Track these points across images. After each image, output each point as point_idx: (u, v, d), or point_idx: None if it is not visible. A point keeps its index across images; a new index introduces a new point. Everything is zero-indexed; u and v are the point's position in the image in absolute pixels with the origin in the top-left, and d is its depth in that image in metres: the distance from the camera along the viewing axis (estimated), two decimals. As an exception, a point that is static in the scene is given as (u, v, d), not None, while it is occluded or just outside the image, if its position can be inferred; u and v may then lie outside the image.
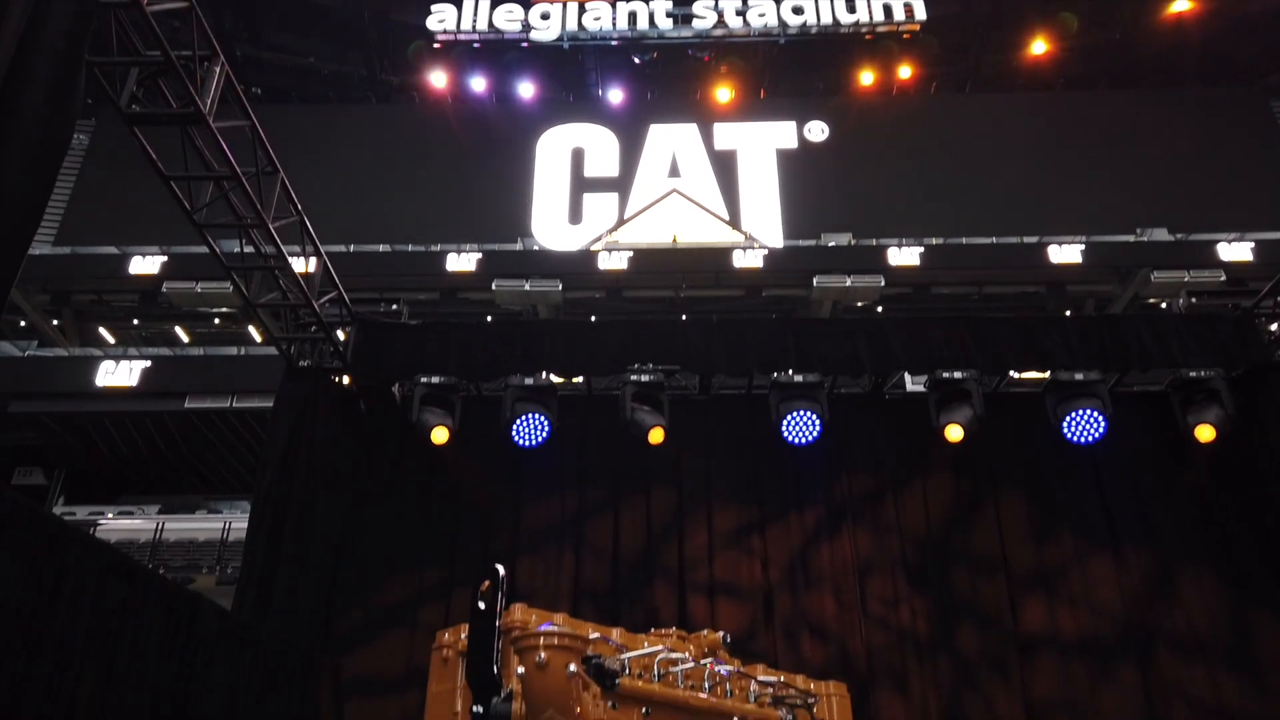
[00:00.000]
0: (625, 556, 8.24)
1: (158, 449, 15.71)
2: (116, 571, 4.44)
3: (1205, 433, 7.76)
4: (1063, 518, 8.09)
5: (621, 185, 18.43)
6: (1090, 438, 7.88)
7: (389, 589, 8.06)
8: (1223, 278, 15.50)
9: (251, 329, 18.26)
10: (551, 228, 18.03)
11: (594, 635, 2.33)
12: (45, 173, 4.22)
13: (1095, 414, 7.79)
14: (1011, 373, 8.53)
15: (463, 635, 2.31)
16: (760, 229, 17.83)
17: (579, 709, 1.91)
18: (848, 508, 8.31)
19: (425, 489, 8.45)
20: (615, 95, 19.83)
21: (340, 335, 8.27)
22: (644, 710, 2.20)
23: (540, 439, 8.24)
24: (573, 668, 1.85)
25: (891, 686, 7.57)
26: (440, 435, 8.10)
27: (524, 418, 8.15)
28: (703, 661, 2.56)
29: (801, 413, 8.09)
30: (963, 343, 8.01)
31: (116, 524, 14.88)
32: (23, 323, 17.51)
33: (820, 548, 8.22)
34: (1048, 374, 8.18)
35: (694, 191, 18.27)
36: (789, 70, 20.24)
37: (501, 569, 2.27)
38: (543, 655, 1.85)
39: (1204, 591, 7.65)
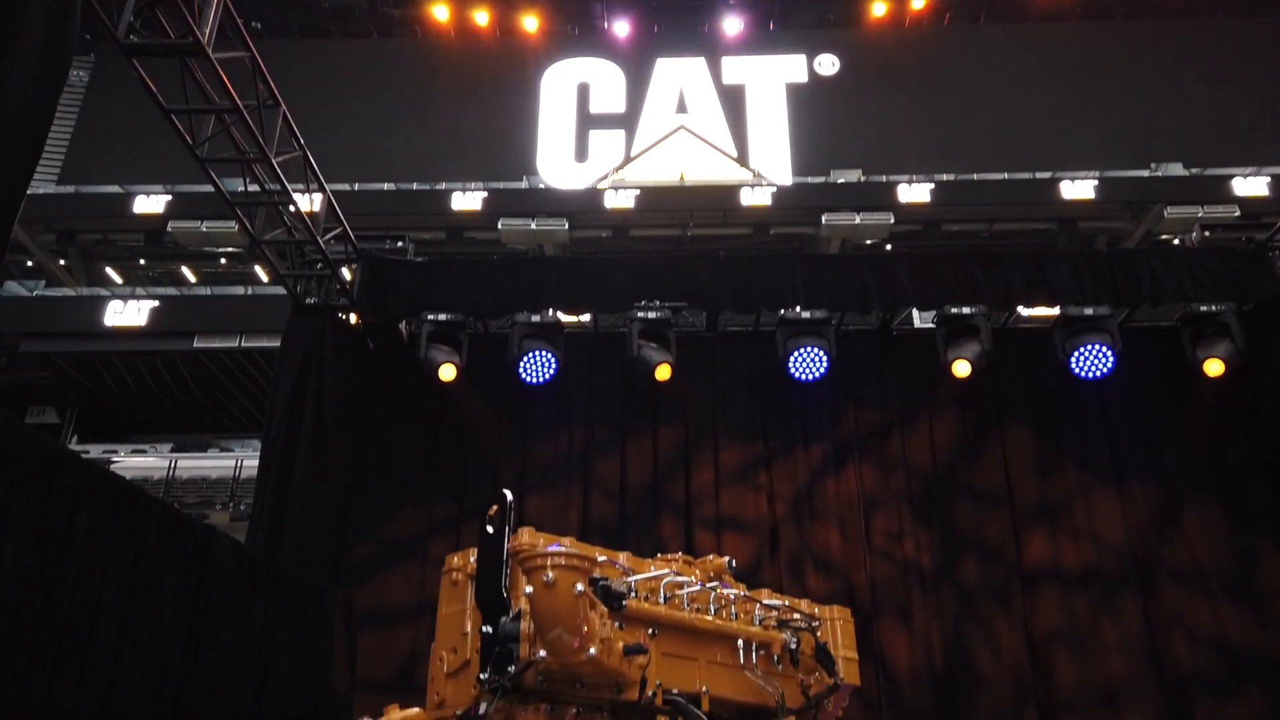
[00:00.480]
0: (632, 492, 8.32)
1: (168, 389, 15.82)
2: (130, 504, 4.50)
3: (1214, 367, 7.73)
4: (1068, 452, 8.12)
5: (628, 121, 18.17)
6: (1098, 373, 7.87)
7: (399, 524, 8.18)
8: (1237, 213, 15.31)
9: (258, 269, 18.24)
10: (557, 165, 17.84)
11: (601, 558, 2.35)
12: (45, 103, 4.17)
13: (1104, 349, 7.76)
14: (1020, 308, 8.48)
15: (471, 559, 2.34)
16: (769, 166, 17.61)
17: (586, 628, 1.94)
18: (854, 443, 8.35)
19: (433, 426, 8.52)
20: (622, 28, 19.42)
21: (346, 275, 8.25)
22: (650, 632, 2.23)
23: (547, 376, 8.26)
24: (580, 587, 1.87)
25: (894, 617, 7.70)
26: (448, 372, 8.12)
27: (531, 355, 8.16)
28: (708, 585, 2.59)
29: (809, 349, 8.09)
30: (972, 278, 7.95)
31: (130, 462, 15.06)
32: (29, 263, 17.52)
33: (826, 483, 8.30)
34: (1057, 309, 8.13)
35: (702, 128, 18.00)
36: (799, 1, 19.77)
37: (509, 493, 2.28)
38: (550, 575, 1.87)
39: (1208, 525, 7.70)
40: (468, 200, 16.77)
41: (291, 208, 7.33)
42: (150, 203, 16.58)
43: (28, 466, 3.85)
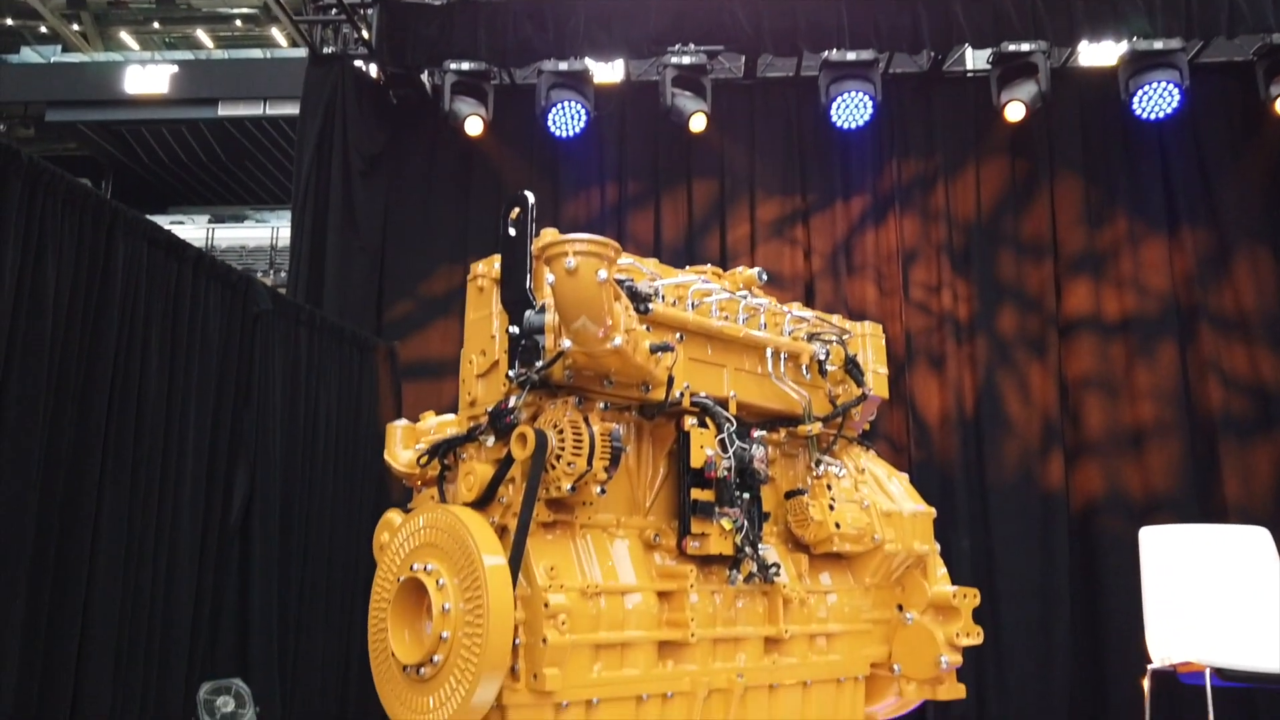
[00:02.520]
0: (667, 248, 8.24)
1: (198, 159, 15.72)
2: (165, 246, 4.51)
3: (1288, 104, 7.22)
4: (1121, 199, 7.82)
5: None
6: (1162, 113, 7.39)
7: (434, 281, 8.27)
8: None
9: (276, 32, 17.50)
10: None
11: (627, 260, 2.29)
12: None
13: (1171, 86, 7.24)
14: (1082, 45, 7.89)
15: (496, 265, 2.29)
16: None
17: (610, 319, 1.90)
18: (895, 195, 8.11)
19: (463, 183, 8.39)
20: None
21: (364, 33, 7.87)
22: (678, 336, 2.20)
23: (577, 129, 7.97)
24: (603, 274, 1.82)
25: (927, 366, 7.79)
26: (474, 126, 7.86)
27: (559, 105, 7.83)
28: (738, 294, 2.55)
29: (853, 93, 7.65)
30: (1033, 10, 7.34)
31: (170, 232, 15.21)
32: (43, 28, 16.97)
33: (865, 236, 8.16)
34: (1123, 45, 7.55)
35: None
36: None
37: (530, 195, 2.19)
38: (572, 260, 1.81)
39: (1258, 271, 7.51)
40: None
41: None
42: (158, -41, 15.74)
43: (61, 199, 3.83)
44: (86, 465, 3.87)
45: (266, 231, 15.59)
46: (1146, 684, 2.84)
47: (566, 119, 7.94)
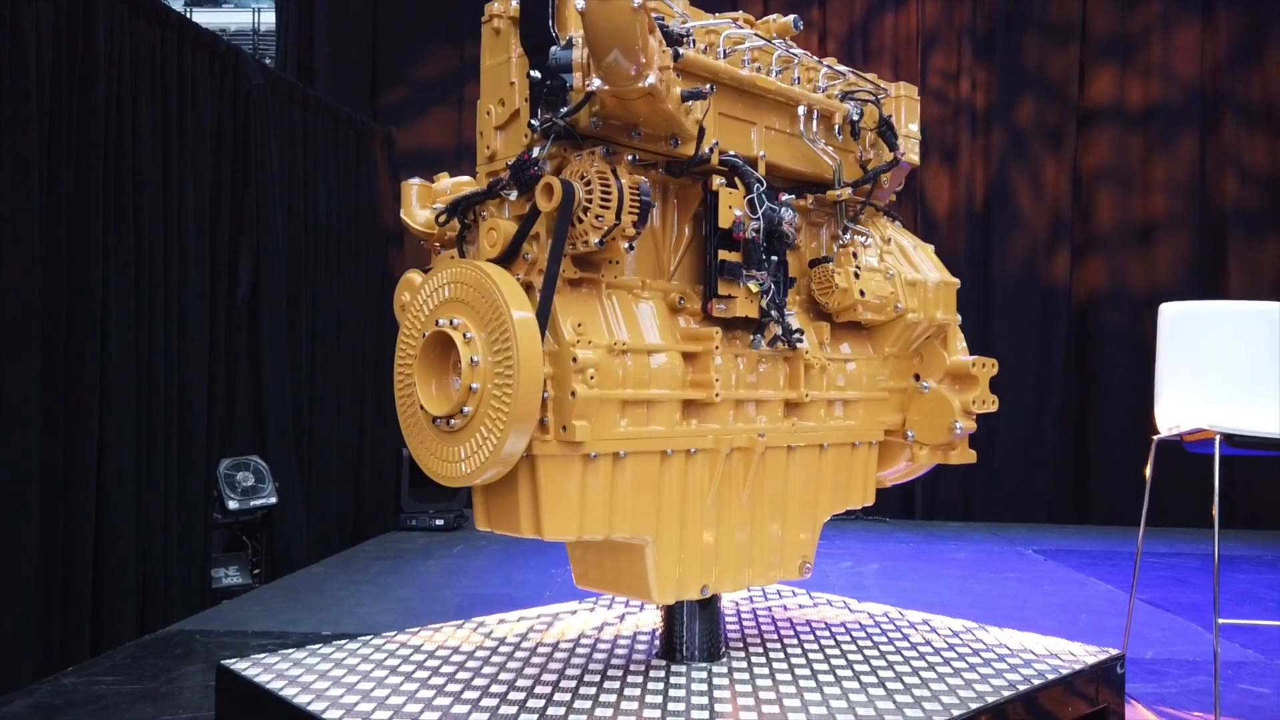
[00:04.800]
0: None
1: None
2: (147, 13, 4.22)
3: None
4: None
5: None
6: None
7: (429, 64, 7.92)
8: None
9: None
10: None
11: (657, -1, 2.11)
12: None
13: None
14: None
15: (513, 2, 2.12)
16: None
17: (645, 55, 1.77)
18: (918, -29, 7.63)
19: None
20: None
21: None
22: (709, 86, 2.06)
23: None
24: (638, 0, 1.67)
25: (939, 160, 7.61)
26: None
27: None
28: (773, 42, 2.39)
29: None
30: None
31: (143, 14, 14.34)
32: None
33: (884, 19, 7.76)
34: None
35: None
36: None
37: (551, -77, 1.99)
38: (604, -16, 1.66)
39: (1293, 58, 7.20)
40: None
41: None
42: None
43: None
44: (89, 241, 3.79)
45: (247, 16, 14.68)
46: (1151, 453, 2.91)
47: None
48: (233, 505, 4.84)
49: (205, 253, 4.68)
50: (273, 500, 5.01)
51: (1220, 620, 2.77)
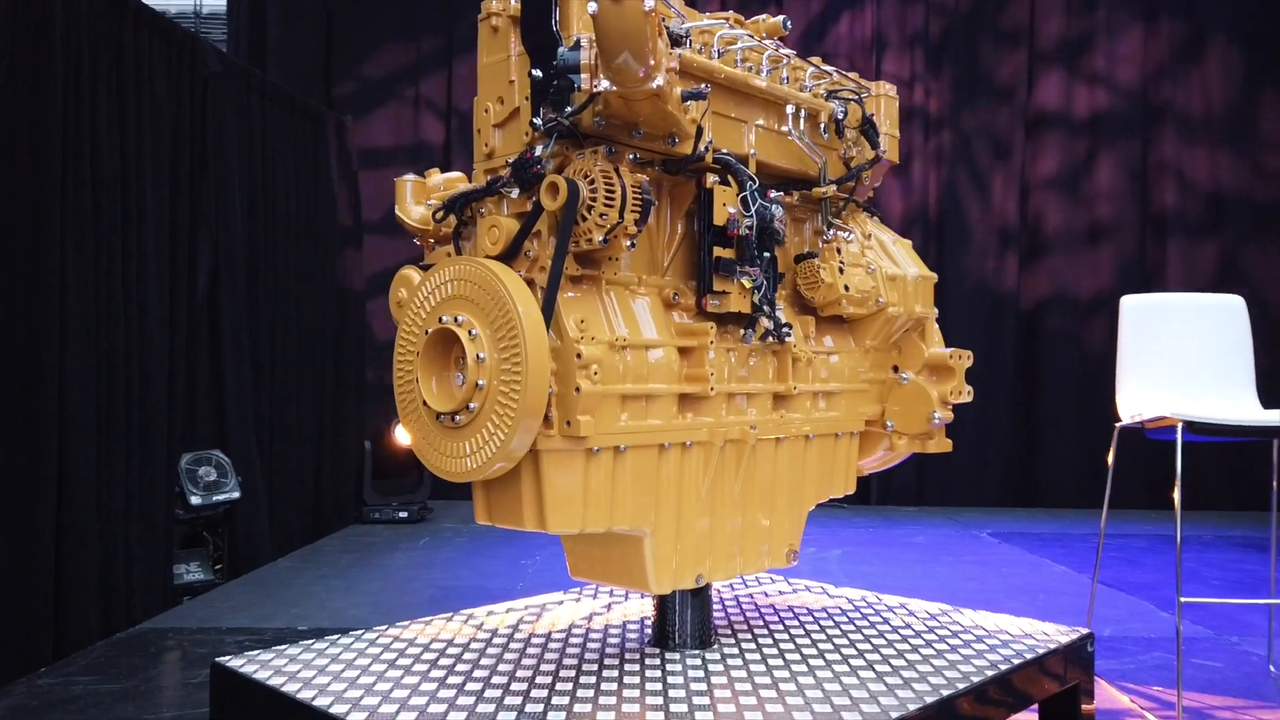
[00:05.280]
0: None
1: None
2: (101, -6, 4.10)
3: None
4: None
5: None
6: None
7: (384, 59, 7.86)
8: None
9: None
10: None
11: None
12: None
13: None
14: None
15: (512, 1, 2.12)
16: None
17: (654, 58, 1.80)
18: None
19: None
20: None
21: None
22: (705, 85, 2.10)
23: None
24: (649, 2, 1.69)
25: (892, 167, 7.79)
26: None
27: None
28: (764, 42, 2.43)
29: None
30: None
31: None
32: None
33: (838, 23, 7.91)
34: None
35: None
36: None
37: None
38: (618, -14, 1.68)
39: (1229, 69, 7.55)
40: None
41: None
42: None
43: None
44: (46, 233, 3.68)
45: (186, -3, 14.29)
46: (1114, 440, 3.04)
47: None
48: (195, 501, 4.76)
49: (164, 245, 4.58)
50: (236, 495, 4.93)
51: (1182, 600, 2.91)
